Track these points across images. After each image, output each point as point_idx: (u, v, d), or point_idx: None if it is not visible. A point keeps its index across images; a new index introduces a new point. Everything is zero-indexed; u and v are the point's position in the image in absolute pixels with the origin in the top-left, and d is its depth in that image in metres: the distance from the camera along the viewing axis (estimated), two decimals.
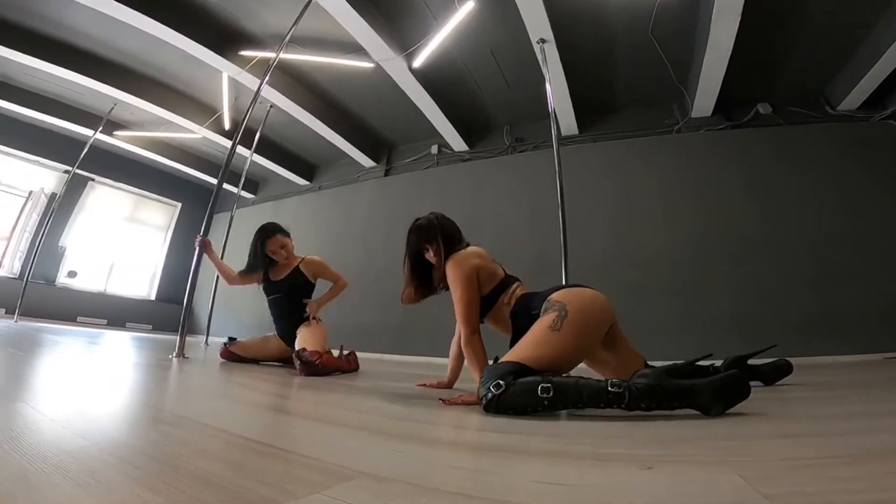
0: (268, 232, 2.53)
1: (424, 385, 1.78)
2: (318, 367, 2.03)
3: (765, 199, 4.48)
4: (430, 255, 1.57)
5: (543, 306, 1.23)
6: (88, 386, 1.17)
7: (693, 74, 4.58)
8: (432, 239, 1.55)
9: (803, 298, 4.09)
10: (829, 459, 0.60)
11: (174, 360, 2.27)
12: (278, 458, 0.59)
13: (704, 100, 4.71)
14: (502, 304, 1.44)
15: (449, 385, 1.75)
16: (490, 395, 1.00)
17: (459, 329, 1.45)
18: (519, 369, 1.04)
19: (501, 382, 1.00)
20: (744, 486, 0.48)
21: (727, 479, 0.51)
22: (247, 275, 2.60)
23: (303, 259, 2.59)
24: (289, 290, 2.51)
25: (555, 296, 1.24)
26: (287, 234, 2.61)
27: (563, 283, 3.06)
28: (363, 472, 0.54)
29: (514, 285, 1.48)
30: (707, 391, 0.91)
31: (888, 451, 0.65)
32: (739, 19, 3.62)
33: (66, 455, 0.54)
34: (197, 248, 2.58)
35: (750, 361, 1.74)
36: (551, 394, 0.94)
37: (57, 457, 0.53)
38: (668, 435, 0.80)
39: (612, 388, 0.93)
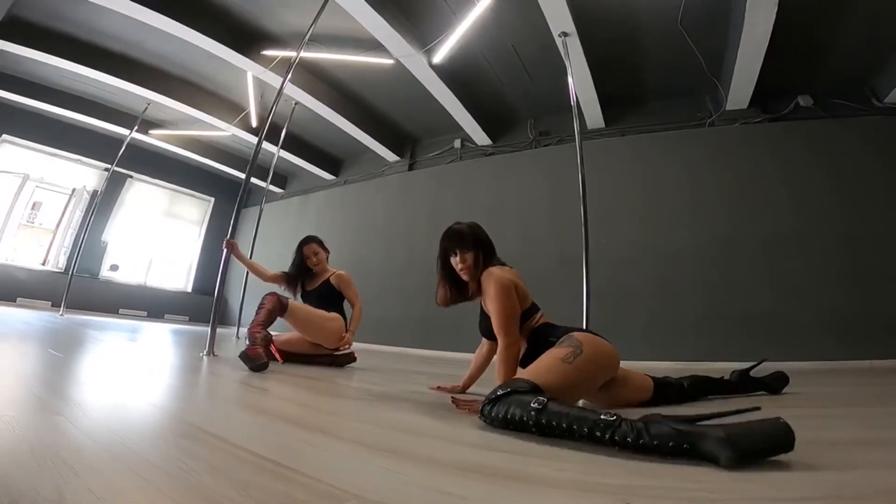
0: (307, 239, 2.85)
1: (439, 388, 1.79)
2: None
3: (801, 196, 4.26)
4: (456, 261, 1.54)
5: (562, 339, 1.28)
6: (121, 394, 1.24)
7: (727, 65, 4.36)
8: (467, 247, 1.53)
9: (839, 299, 3.91)
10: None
11: (204, 358, 2.38)
12: (281, 478, 0.62)
13: (740, 91, 4.49)
14: (526, 328, 1.46)
15: (463, 389, 1.76)
16: (494, 395, 1.04)
17: (499, 339, 1.44)
18: (533, 388, 1.04)
19: (511, 388, 1.03)
20: None
21: None
22: (283, 280, 2.83)
23: (335, 272, 2.83)
24: (318, 296, 2.76)
25: (576, 334, 1.28)
26: (323, 246, 2.86)
27: (585, 286, 3.00)
28: (355, 494, 0.57)
29: (539, 313, 1.51)
30: (714, 436, 0.74)
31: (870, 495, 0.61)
32: (777, 5, 3.41)
33: (86, 467, 0.59)
34: (224, 251, 2.72)
35: (754, 374, 1.71)
36: (540, 406, 0.93)
37: (76, 469, 0.58)
38: (658, 463, 0.76)
39: (604, 416, 0.86)
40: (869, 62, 4.32)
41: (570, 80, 3.80)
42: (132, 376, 1.59)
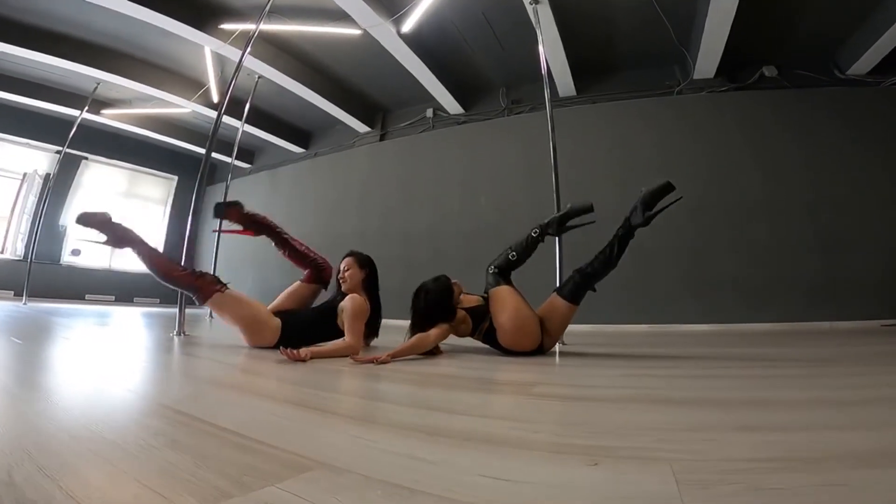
0: (347, 252, 2.37)
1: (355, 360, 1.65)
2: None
3: (766, 164, 4.39)
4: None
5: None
6: (89, 377, 1.21)
7: (695, 35, 4.39)
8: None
9: (803, 264, 4.09)
10: (772, 463, 0.57)
11: (175, 338, 2.33)
12: (244, 449, 0.61)
13: (707, 61, 4.54)
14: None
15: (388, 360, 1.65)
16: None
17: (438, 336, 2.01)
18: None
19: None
20: (673, 495, 0.48)
21: (662, 483, 0.51)
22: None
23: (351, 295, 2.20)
24: (318, 311, 2.24)
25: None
26: (359, 262, 2.33)
27: (558, 251, 3.04)
28: (320, 462, 0.57)
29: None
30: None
31: (843, 455, 0.60)
32: None
33: (49, 452, 0.57)
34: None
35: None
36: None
37: (40, 454, 0.56)
38: (626, 423, 0.80)
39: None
40: (832, 35, 4.41)
41: (540, 48, 3.72)
42: (102, 359, 1.56)
